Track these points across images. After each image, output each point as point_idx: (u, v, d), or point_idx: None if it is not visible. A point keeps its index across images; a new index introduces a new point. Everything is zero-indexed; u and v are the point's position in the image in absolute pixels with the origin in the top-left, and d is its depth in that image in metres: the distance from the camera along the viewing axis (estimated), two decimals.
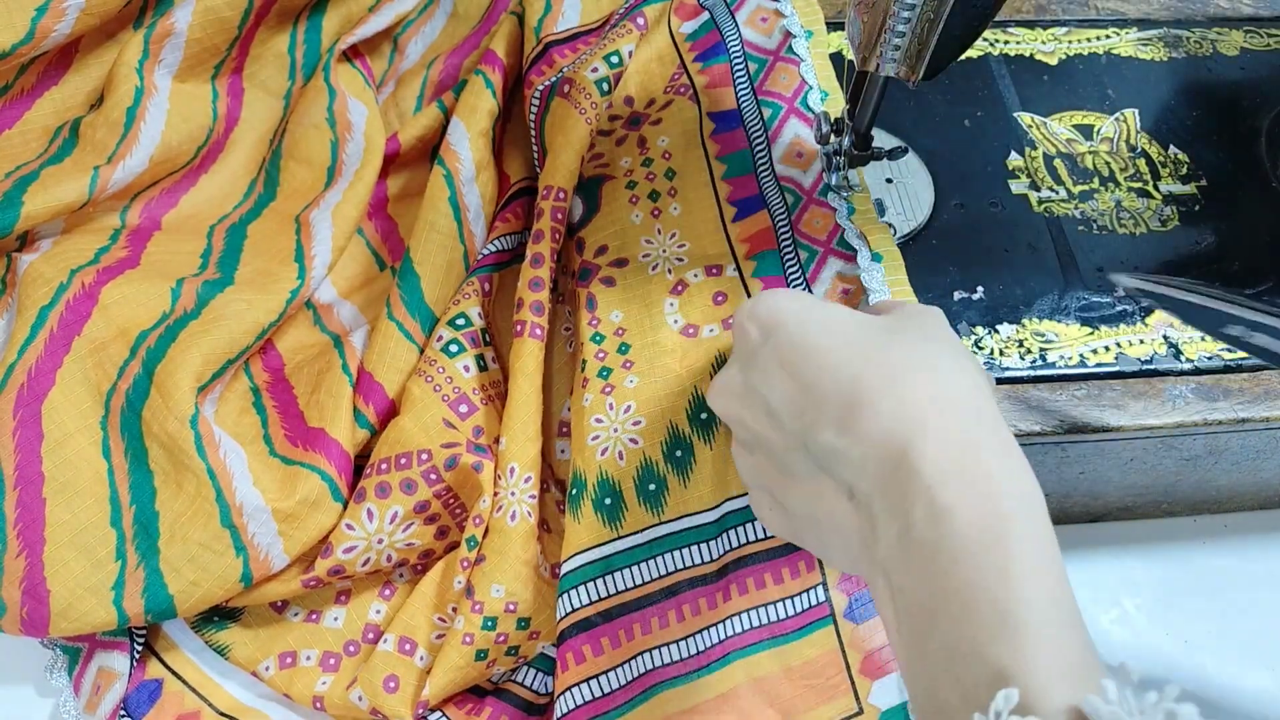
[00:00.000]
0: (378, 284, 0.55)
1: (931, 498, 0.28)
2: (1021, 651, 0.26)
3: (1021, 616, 0.27)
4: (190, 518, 0.43)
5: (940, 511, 0.28)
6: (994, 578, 0.27)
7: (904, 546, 0.29)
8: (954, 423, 0.30)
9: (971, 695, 0.26)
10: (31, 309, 0.45)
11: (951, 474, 0.29)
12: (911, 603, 0.29)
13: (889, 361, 0.31)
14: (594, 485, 0.44)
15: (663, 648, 0.42)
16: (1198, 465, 0.51)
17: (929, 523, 0.28)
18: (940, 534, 0.28)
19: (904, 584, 0.29)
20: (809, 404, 0.32)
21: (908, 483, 0.29)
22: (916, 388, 0.31)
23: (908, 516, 0.29)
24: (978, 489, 0.28)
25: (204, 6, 0.53)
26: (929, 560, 0.28)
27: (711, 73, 0.54)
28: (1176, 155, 0.56)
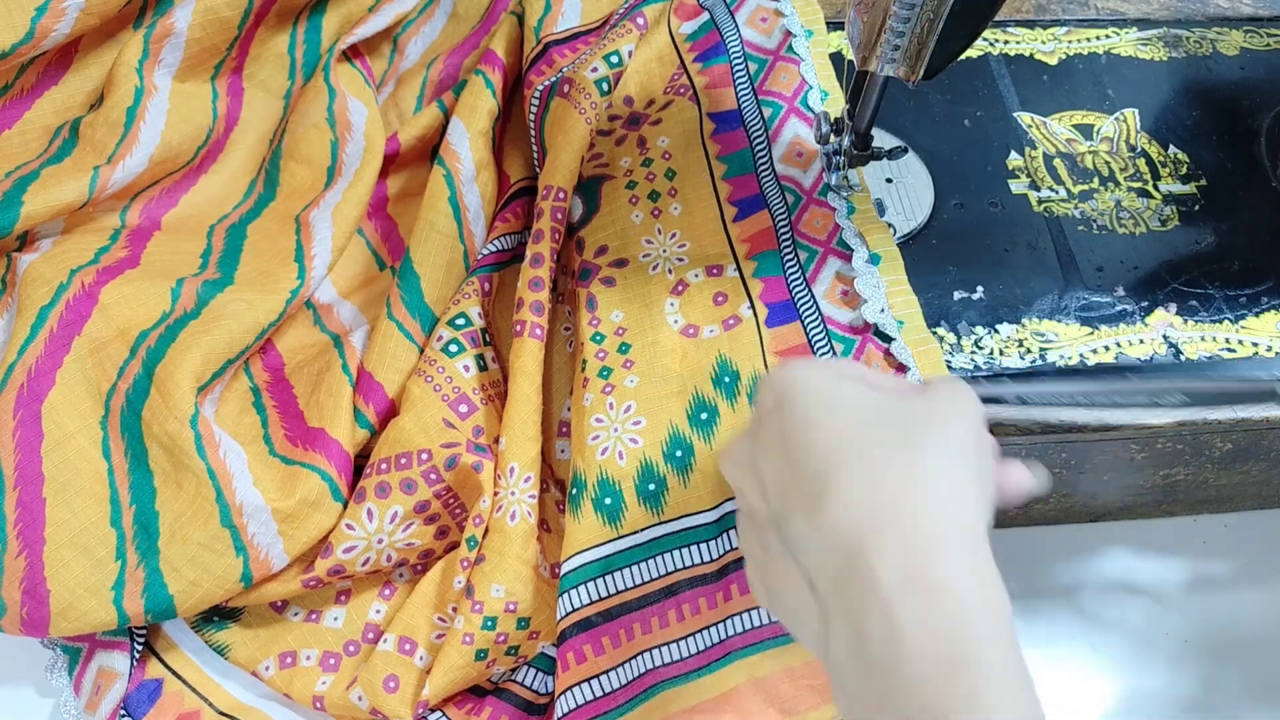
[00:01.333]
0: (378, 284, 0.55)
1: (888, 612, 0.26)
2: None
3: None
4: (190, 518, 0.43)
5: (895, 629, 0.26)
6: (949, 696, 0.25)
7: (858, 660, 0.27)
8: (918, 528, 0.28)
9: None
10: (31, 309, 0.45)
11: (908, 589, 0.26)
12: (863, 710, 0.27)
13: (871, 452, 0.29)
14: (594, 485, 0.44)
15: (663, 647, 0.42)
16: (1198, 465, 0.51)
17: (885, 640, 0.26)
18: (898, 654, 0.26)
19: (857, 693, 0.27)
20: (790, 483, 0.31)
21: (863, 590, 0.27)
22: (887, 485, 0.28)
23: (862, 627, 0.27)
24: (937, 605, 0.26)
25: (204, 6, 0.53)
26: (885, 680, 0.26)
27: (711, 73, 0.54)
28: (1176, 155, 0.56)
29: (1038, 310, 0.49)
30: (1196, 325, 0.49)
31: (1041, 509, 0.53)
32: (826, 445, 0.30)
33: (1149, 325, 0.49)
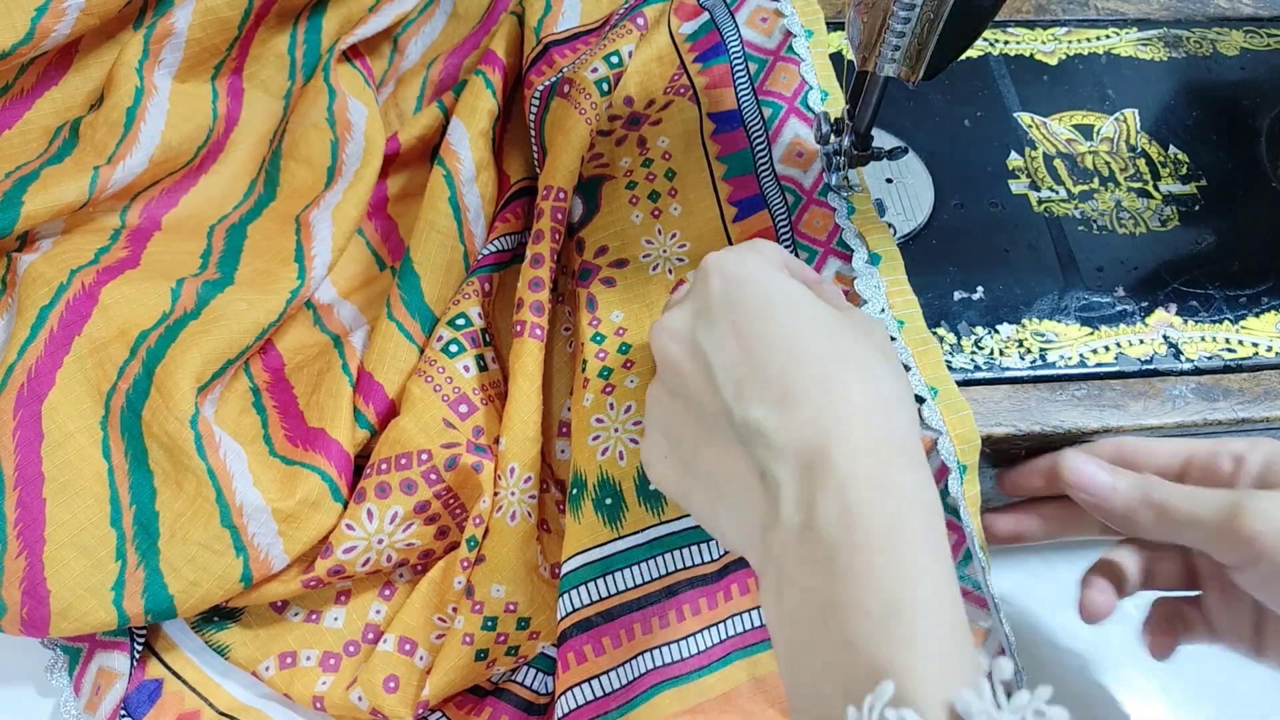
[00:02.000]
0: (378, 284, 0.55)
1: (843, 497, 0.29)
2: (905, 647, 0.27)
3: (910, 614, 0.27)
4: (190, 518, 0.43)
5: (848, 510, 0.29)
6: (890, 576, 0.28)
7: (805, 540, 0.30)
8: (876, 430, 0.31)
9: (851, 688, 0.27)
10: (31, 309, 0.45)
11: (864, 477, 0.30)
12: (803, 596, 0.29)
13: (833, 358, 0.33)
14: (594, 485, 0.44)
15: (664, 647, 0.42)
16: None
17: (836, 520, 0.29)
18: (845, 531, 0.29)
19: (797, 576, 0.30)
20: (750, 377, 0.33)
21: (823, 478, 0.30)
22: (852, 391, 0.32)
23: (814, 510, 0.30)
24: (887, 494, 0.29)
25: (204, 6, 0.53)
26: (829, 555, 0.29)
27: (711, 73, 0.54)
28: (1176, 155, 0.56)
29: (1038, 310, 0.49)
30: (1196, 325, 0.49)
31: None
32: (791, 348, 0.33)
33: (1149, 325, 0.49)
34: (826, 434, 0.31)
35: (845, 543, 0.29)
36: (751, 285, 0.35)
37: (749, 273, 0.35)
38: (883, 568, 0.28)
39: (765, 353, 0.33)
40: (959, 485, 0.42)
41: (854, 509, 0.29)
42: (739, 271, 0.35)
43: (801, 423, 0.31)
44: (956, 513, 0.42)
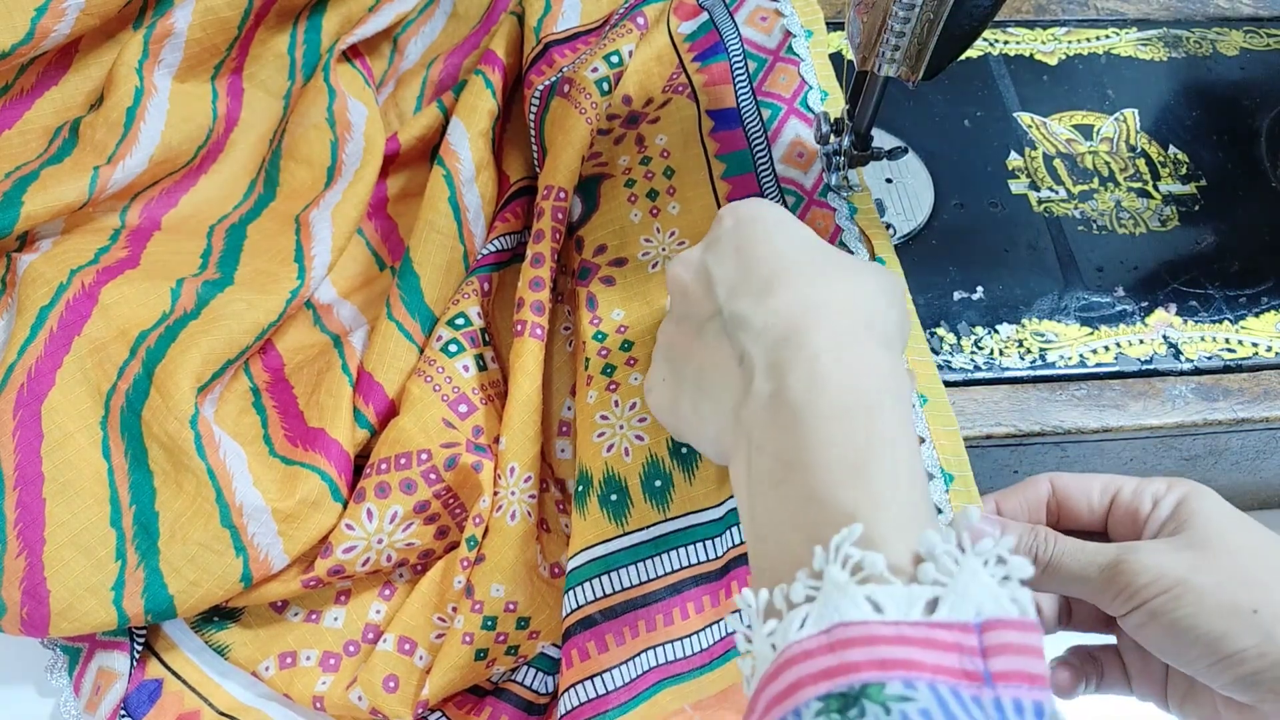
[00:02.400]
0: (377, 284, 0.55)
1: (812, 365, 0.30)
2: (870, 498, 0.27)
3: (874, 469, 0.28)
4: (190, 518, 0.43)
5: (817, 376, 0.30)
6: (855, 436, 0.29)
7: (774, 405, 0.31)
8: (855, 316, 0.32)
9: (816, 535, 0.27)
10: (31, 309, 0.45)
11: (834, 352, 0.31)
12: (769, 459, 0.30)
13: (823, 264, 0.34)
14: (600, 482, 0.44)
15: (667, 645, 0.42)
16: (1198, 465, 0.51)
17: (804, 385, 0.30)
18: (812, 396, 0.30)
19: (764, 441, 0.31)
20: (740, 280, 0.35)
21: (795, 350, 0.31)
22: (834, 282, 0.33)
23: (784, 379, 0.31)
24: (856, 367, 0.30)
25: (204, 6, 0.53)
26: (795, 417, 0.30)
27: (710, 71, 0.54)
28: (1176, 155, 0.56)
29: (1038, 310, 0.49)
30: (1196, 325, 0.49)
31: None
32: (780, 253, 0.35)
33: (1149, 325, 0.49)
34: (804, 315, 0.32)
35: (811, 408, 0.30)
36: (761, 219, 0.37)
37: (761, 211, 0.37)
38: (848, 431, 0.29)
39: (758, 262, 0.35)
40: (944, 493, 0.42)
41: (822, 378, 0.30)
42: (751, 211, 0.37)
43: (780, 306, 0.33)
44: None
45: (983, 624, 0.24)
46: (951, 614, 0.24)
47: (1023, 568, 0.25)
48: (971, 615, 0.24)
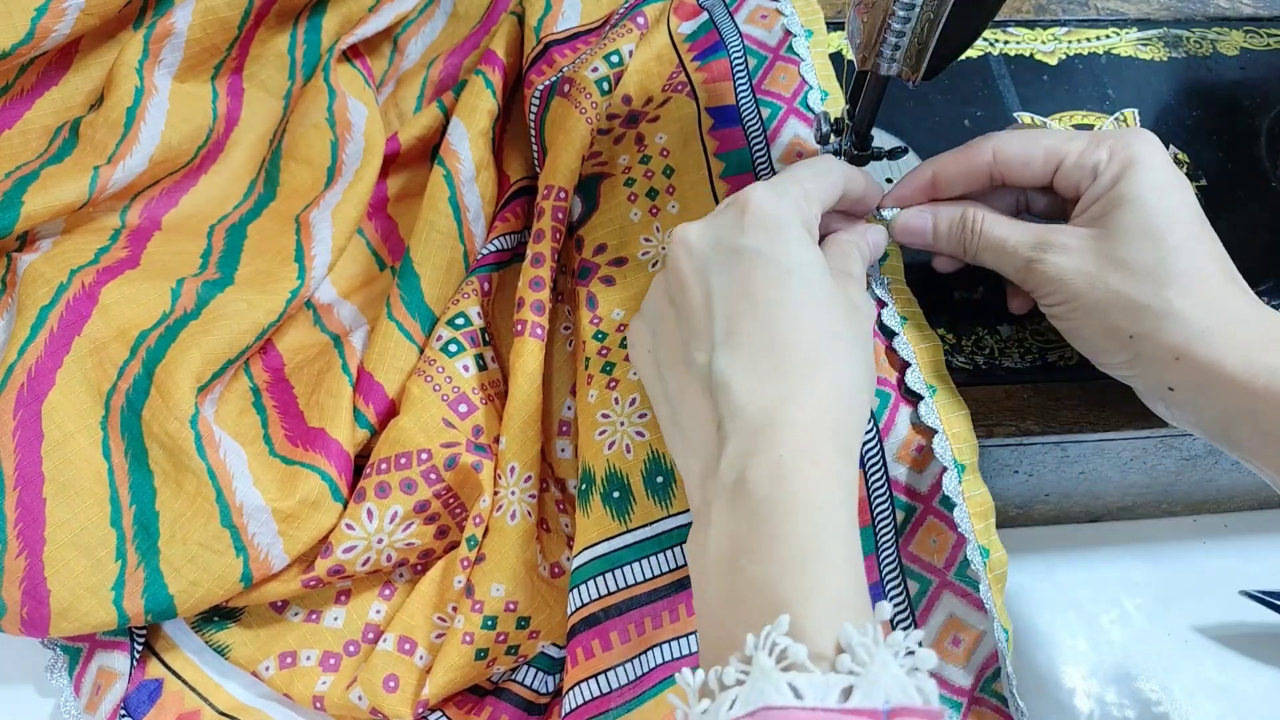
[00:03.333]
0: (378, 284, 0.55)
1: (778, 464, 0.33)
2: (805, 591, 0.30)
3: (814, 565, 0.31)
4: (190, 518, 0.43)
5: (780, 476, 0.32)
6: (802, 533, 0.31)
7: (736, 493, 0.33)
8: (825, 419, 0.34)
9: (753, 621, 0.30)
10: (31, 309, 0.45)
11: (798, 457, 0.33)
12: (725, 541, 0.33)
13: (815, 343, 0.36)
14: (602, 479, 0.44)
15: (672, 642, 0.42)
16: (1197, 465, 0.51)
17: (767, 481, 0.33)
18: (771, 492, 0.32)
19: (723, 523, 0.33)
20: (740, 328, 0.36)
21: (765, 445, 0.33)
22: (818, 380, 0.35)
23: (748, 470, 0.33)
24: (814, 473, 0.33)
25: (204, 6, 0.53)
26: (752, 509, 0.32)
27: (710, 69, 0.54)
28: (1176, 155, 0.56)
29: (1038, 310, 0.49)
30: None
31: (1041, 509, 0.53)
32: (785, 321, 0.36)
33: None
34: (782, 412, 0.34)
35: (768, 503, 0.32)
36: (776, 238, 0.37)
37: (778, 221, 0.38)
38: (797, 529, 0.32)
39: (763, 314, 0.36)
40: (956, 484, 0.42)
41: (784, 478, 0.33)
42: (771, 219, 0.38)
43: (766, 395, 0.34)
44: (951, 509, 0.42)
45: (890, 711, 0.26)
46: (863, 701, 0.26)
47: (928, 659, 0.28)
48: (881, 703, 0.26)
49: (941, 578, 0.43)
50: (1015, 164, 0.43)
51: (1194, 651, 0.51)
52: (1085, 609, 0.51)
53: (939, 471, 0.43)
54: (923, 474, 0.43)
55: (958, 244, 0.44)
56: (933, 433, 0.43)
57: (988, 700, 0.42)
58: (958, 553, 0.43)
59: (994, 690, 0.42)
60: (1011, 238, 0.42)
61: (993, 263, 0.43)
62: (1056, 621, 0.51)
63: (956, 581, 0.43)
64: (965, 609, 0.43)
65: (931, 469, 0.43)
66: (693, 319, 0.37)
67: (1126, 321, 0.39)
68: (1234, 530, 0.55)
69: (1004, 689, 0.42)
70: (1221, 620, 0.51)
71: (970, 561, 0.42)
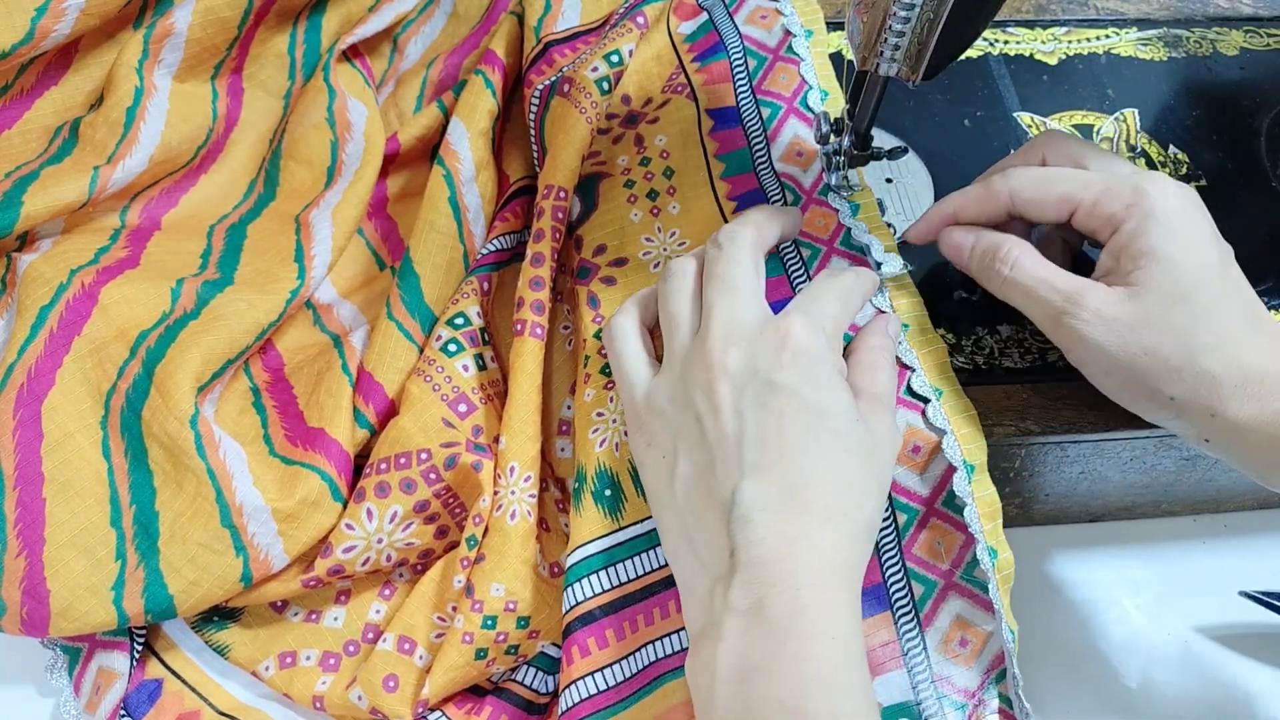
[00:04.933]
0: (377, 284, 0.55)
1: (795, 595, 0.34)
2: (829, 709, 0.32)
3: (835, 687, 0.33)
4: (190, 518, 0.43)
5: (801, 608, 0.34)
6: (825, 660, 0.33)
7: (751, 618, 0.34)
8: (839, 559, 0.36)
9: None
10: (31, 309, 0.45)
11: (817, 590, 0.34)
12: (737, 659, 0.34)
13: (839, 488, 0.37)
14: (593, 477, 0.44)
15: (667, 637, 0.42)
16: (1197, 465, 0.51)
17: (788, 612, 0.34)
18: (793, 622, 0.34)
19: (734, 642, 0.34)
20: (769, 466, 0.36)
21: (783, 578, 0.34)
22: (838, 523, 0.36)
23: (766, 599, 0.34)
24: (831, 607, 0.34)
25: (204, 6, 0.53)
26: (771, 633, 0.34)
27: (710, 70, 0.54)
28: (1176, 155, 0.56)
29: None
30: None
31: (1041, 509, 0.53)
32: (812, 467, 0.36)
33: None
34: (799, 552, 0.35)
35: (788, 630, 0.34)
36: (811, 378, 0.38)
37: (814, 360, 0.38)
38: (819, 653, 0.33)
39: (791, 454, 0.37)
40: (966, 484, 0.42)
41: (805, 609, 0.34)
42: (808, 357, 0.38)
43: (786, 534, 0.35)
44: (961, 511, 0.42)
45: None
46: None
47: None
48: None
49: (948, 579, 0.43)
50: (1032, 207, 0.43)
51: (1194, 651, 0.51)
52: (1085, 609, 0.52)
53: (941, 473, 0.43)
54: (923, 476, 0.43)
55: (988, 275, 0.44)
56: (942, 433, 0.43)
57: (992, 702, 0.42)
58: (965, 553, 0.43)
59: (999, 692, 0.42)
60: (1044, 285, 0.42)
61: (1020, 305, 0.43)
62: (1056, 621, 0.51)
63: (963, 583, 0.43)
64: (973, 610, 0.43)
65: (932, 471, 0.43)
66: (723, 445, 0.38)
67: (1164, 384, 0.40)
68: (1234, 530, 0.55)
69: (1009, 690, 0.42)
70: (1221, 620, 0.51)
71: (979, 562, 0.42)
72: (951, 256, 0.46)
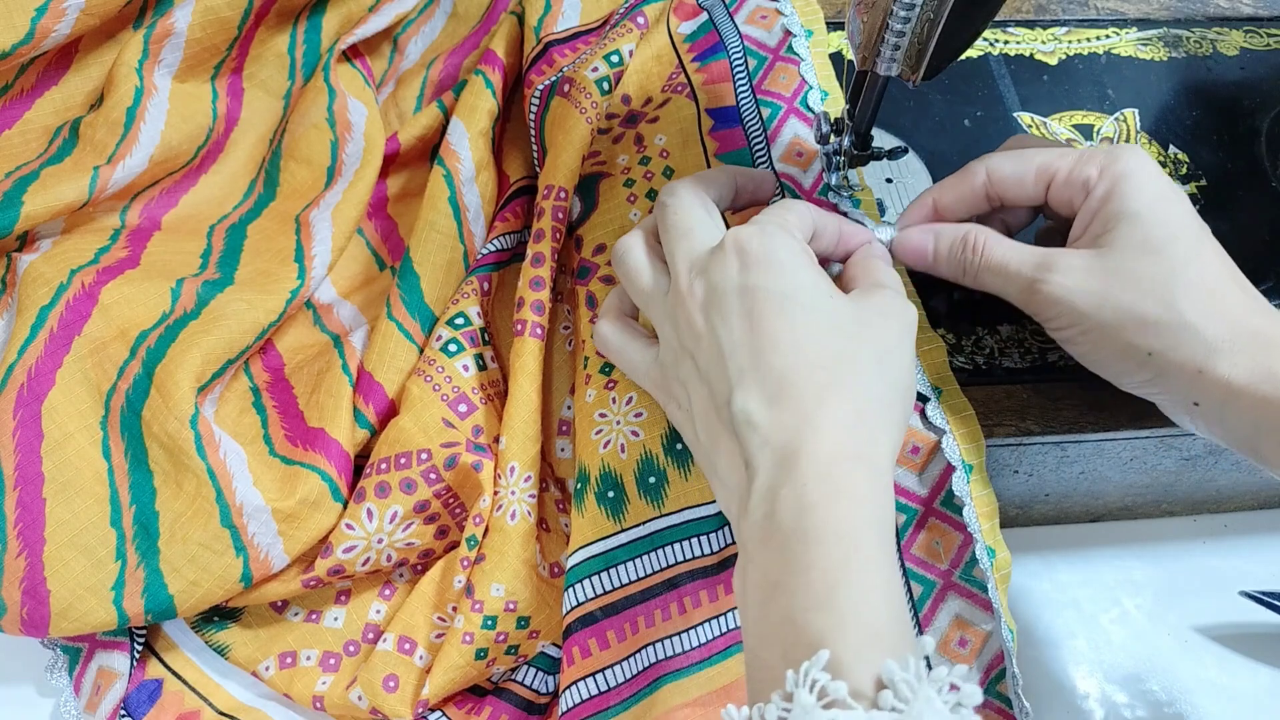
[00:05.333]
0: (377, 284, 0.55)
1: (801, 493, 0.33)
2: (840, 623, 0.30)
3: (844, 596, 0.30)
4: (190, 518, 0.43)
5: (804, 505, 0.32)
6: (831, 563, 0.31)
7: (766, 526, 0.33)
8: (848, 442, 0.34)
9: (790, 656, 0.30)
10: (31, 309, 0.45)
11: (822, 483, 0.33)
12: (759, 575, 0.33)
13: (831, 364, 0.36)
14: (597, 479, 0.44)
15: (667, 640, 0.42)
16: (1197, 465, 0.51)
17: (792, 512, 0.32)
18: (798, 523, 0.32)
19: (756, 557, 0.33)
20: (753, 362, 0.36)
21: (788, 474, 0.33)
22: (840, 401, 0.35)
23: (775, 503, 0.33)
24: (840, 499, 0.32)
25: (204, 6, 0.53)
26: (782, 541, 0.32)
27: (710, 70, 0.54)
28: (1176, 155, 0.56)
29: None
30: None
31: (1041, 509, 0.53)
32: (795, 346, 0.36)
33: None
34: (801, 439, 0.34)
35: (796, 534, 0.32)
36: (770, 270, 0.37)
37: (770, 254, 0.38)
38: (825, 559, 0.31)
39: (773, 345, 0.36)
40: (964, 484, 0.42)
41: (809, 507, 0.32)
42: (761, 251, 0.38)
43: (785, 424, 0.34)
44: (959, 511, 0.42)
45: None
46: None
47: (973, 695, 0.27)
48: None
49: (946, 579, 0.43)
50: (1009, 183, 0.43)
51: (1194, 651, 0.51)
52: (1085, 609, 0.52)
53: (939, 473, 0.43)
54: (921, 476, 0.43)
55: (958, 266, 0.43)
56: (941, 433, 0.43)
57: (992, 702, 0.42)
58: (963, 553, 0.43)
59: (999, 691, 0.42)
60: (1014, 259, 0.41)
61: (996, 286, 0.43)
62: (1056, 621, 0.51)
63: (961, 582, 0.43)
64: (971, 610, 0.43)
65: (930, 471, 0.43)
66: (714, 367, 0.37)
67: (1142, 339, 0.39)
68: (1234, 530, 0.55)
69: (1009, 690, 0.42)
70: (1221, 620, 0.51)
71: (978, 561, 0.42)
72: (913, 261, 0.45)
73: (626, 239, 0.44)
